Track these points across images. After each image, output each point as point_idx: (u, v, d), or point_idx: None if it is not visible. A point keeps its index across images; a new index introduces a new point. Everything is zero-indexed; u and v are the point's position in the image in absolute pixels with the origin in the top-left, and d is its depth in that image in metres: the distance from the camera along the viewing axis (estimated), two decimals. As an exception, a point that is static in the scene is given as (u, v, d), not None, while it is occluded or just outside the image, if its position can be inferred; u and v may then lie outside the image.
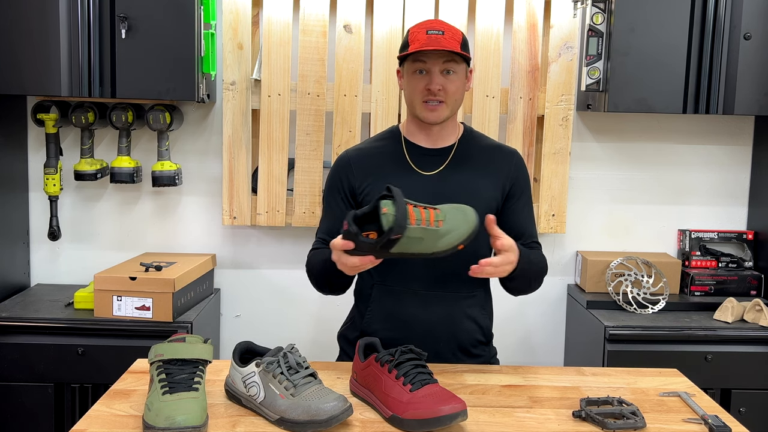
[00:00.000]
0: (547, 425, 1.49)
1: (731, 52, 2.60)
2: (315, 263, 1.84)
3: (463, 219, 1.55)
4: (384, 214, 1.48)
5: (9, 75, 2.45)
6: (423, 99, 1.82)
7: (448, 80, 1.81)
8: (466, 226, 1.54)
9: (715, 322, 2.60)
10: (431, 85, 1.80)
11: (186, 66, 2.48)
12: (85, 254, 2.88)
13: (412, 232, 1.49)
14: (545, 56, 2.82)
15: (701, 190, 2.99)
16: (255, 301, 2.95)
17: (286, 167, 2.79)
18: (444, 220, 1.52)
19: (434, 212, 1.53)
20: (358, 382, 1.60)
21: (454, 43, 1.77)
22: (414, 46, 1.78)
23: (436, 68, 1.79)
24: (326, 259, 1.73)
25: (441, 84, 1.80)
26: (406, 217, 1.48)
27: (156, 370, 1.47)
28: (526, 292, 1.86)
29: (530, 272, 1.79)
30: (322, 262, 1.79)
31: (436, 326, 1.87)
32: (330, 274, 1.74)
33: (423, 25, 1.82)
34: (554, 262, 2.97)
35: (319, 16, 2.72)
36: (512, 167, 1.91)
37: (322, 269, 1.79)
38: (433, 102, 1.81)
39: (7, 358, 2.42)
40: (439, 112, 1.82)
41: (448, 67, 1.80)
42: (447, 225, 1.53)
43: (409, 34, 1.82)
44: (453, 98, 1.83)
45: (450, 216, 1.54)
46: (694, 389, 1.72)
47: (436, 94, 1.80)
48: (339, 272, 1.65)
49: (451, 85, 1.81)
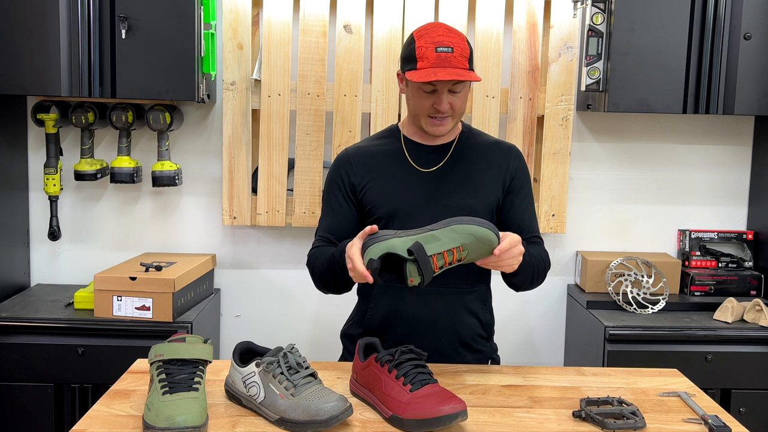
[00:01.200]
0: (547, 425, 1.49)
1: (731, 52, 2.60)
2: (319, 263, 1.83)
3: (486, 249, 1.57)
4: (411, 284, 1.55)
5: (9, 75, 2.45)
6: (429, 114, 1.81)
7: (456, 97, 1.79)
8: (488, 249, 1.57)
9: (715, 322, 2.60)
10: (439, 105, 1.77)
11: (186, 66, 2.48)
12: (85, 254, 2.88)
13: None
14: (545, 56, 2.82)
15: (701, 190, 2.99)
16: (255, 301, 2.95)
17: (286, 167, 2.79)
18: (466, 253, 1.57)
19: (456, 252, 1.56)
20: (358, 382, 1.60)
21: (463, 60, 1.74)
22: (423, 64, 1.73)
23: (444, 88, 1.76)
24: (332, 260, 1.74)
25: (449, 102, 1.78)
26: (431, 274, 1.55)
27: (156, 370, 1.47)
28: (529, 287, 1.85)
29: (532, 265, 1.78)
30: (327, 263, 1.78)
31: (438, 322, 1.87)
32: (336, 275, 1.74)
33: (431, 38, 1.75)
34: (554, 262, 2.97)
35: (319, 16, 2.72)
36: (511, 162, 1.90)
37: (328, 270, 1.78)
38: (440, 117, 1.81)
39: (7, 358, 2.42)
40: (445, 126, 1.82)
41: (456, 87, 1.77)
42: (470, 255, 1.57)
43: (416, 48, 1.75)
44: (458, 112, 1.82)
45: (473, 248, 1.56)
46: (694, 389, 1.72)
47: (444, 112, 1.79)
48: (346, 275, 1.67)
49: (459, 101, 1.80)
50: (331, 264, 1.76)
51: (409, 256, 1.54)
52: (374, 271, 1.54)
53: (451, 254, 1.55)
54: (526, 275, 1.79)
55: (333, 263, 1.75)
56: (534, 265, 1.80)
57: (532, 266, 1.78)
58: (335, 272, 1.75)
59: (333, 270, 1.75)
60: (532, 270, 1.80)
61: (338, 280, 1.78)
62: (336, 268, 1.74)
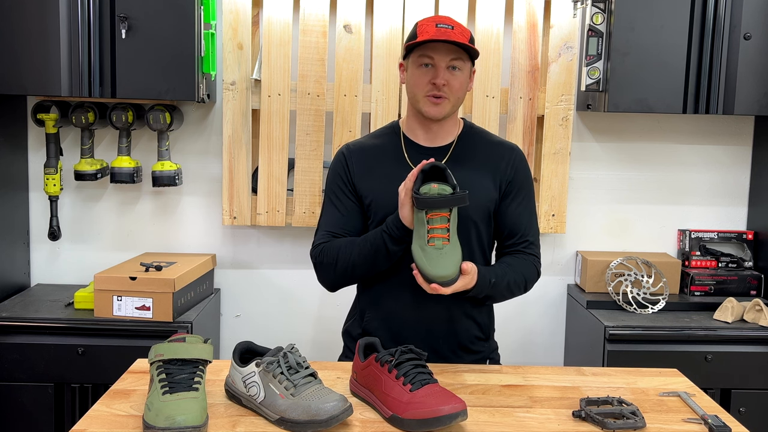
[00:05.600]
0: (547, 425, 1.49)
1: (731, 52, 2.60)
2: (350, 250, 1.82)
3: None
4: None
5: (9, 75, 2.45)
6: (426, 93, 1.81)
7: (453, 76, 1.80)
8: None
9: (715, 322, 2.60)
10: (436, 79, 1.79)
11: (186, 66, 2.48)
12: (85, 254, 2.88)
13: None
14: (545, 56, 2.82)
15: (701, 190, 2.99)
16: (255, 301, 2.95)
17: (286, 167, 2.79)
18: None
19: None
20: (358, 382, 1.60)
21: (462, 38, 1.77)
22: (423, 38, 1.77)
23: (442, 63, 1.79)
24: (377, 237, 1.77)
25: (446, 79, 1.79)
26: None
27: (156, 370, 1.47)
28: (503, 300, 1.89)
29: (496, 291, 1.81)
30: (367, 243, 1.80)
31: (435, 324, 1.87)
32: (380, 255, 1.78)
33: (432, 19, 1.81)
34: (554, 262, 2.97)
35: (319, 16, 2.72)
36: (510, 165, 1.90)
37: (370, 252, 1.79)
38: (437, 96, 1.81)
39: (7, 358, 2.42)
40: (441, 107, 1.82)
41: (455, 63, 1.79)
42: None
43: (418, 26, 1.81)
44: (456, 95, 1.82)
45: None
46: (694, 389, 1.72)
47: (441, 89, 1.80)
48: (396, 246, 1.76)
49: (456, 81, 1.81)
50: (377, 240, 1.78)
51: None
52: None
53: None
54: (490, 298, 1.85)
55: (379, 237, 1.77)
56: (504, 286, 1.82)
57: (494, 291, 1.80)
58: (385, 248, 1.77)
59: (381, 247, 1.77)
60: (495, 293, 1.82)
61: (383, 258, 1.79)
62: (386, 242, 1.76)
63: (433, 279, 1.65)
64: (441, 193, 1.66)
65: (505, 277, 1.82)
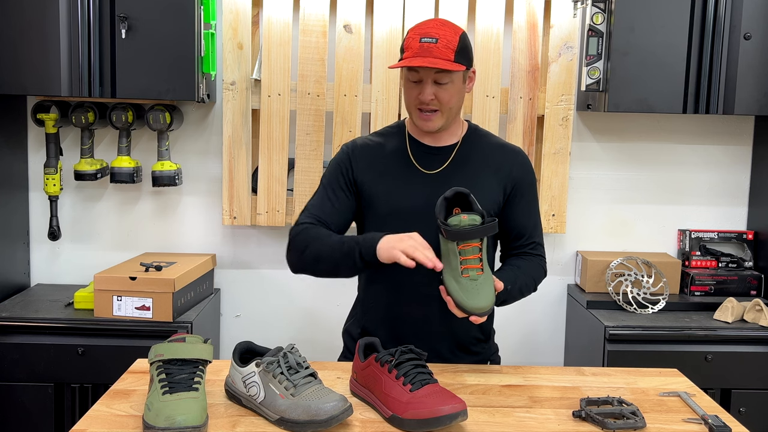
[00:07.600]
0: (547, 425, 1.49)
1: (731, 52, 2.60)
2: (320, 244, 1.78)
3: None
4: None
5: (9, 75, 2.45)
6: (416, 106, 1.81)
7: (441, 89, 1.78)
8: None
9: (715, 322, 2.60)
10: (422, 96, 1.78)
11: (186, 66, 2.48)
12: (85, 254, 2.88)
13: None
14: (545, 56, 2.82)
15: (701, 190, 2.99)
16: (255, 301, 2.95)
17: (286, 167, 2.79)
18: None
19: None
20: (358, 382, 1.60)
21: (446, 52, 1.73)
22: (407, 54, 1.76)
23: (428, 79, 1.77)
24: (352, 245, 1.73)
25: (433, 94, 1.78)
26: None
27: (156, 370, 1.47)
28: (511, 303, 1.89)
29: (509, 296, 1.81)
30: (339, 246, 1.75)
31: (435, 325, 1.87)
32: (346, 263, 1.74)
33: (419, 29, 1.78)
34: (554, 262, 2.97)
35: (319, 16, 2.72)
36: (514, 167, 1.90)
37: (338, 255, 1.75)
38: (427, 111, 1.80)
39: (7, 358, 2.42)
40: (433, 122, 1.82)
41: (439, 78, 1.77)
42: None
43: (406, 38, 1.79)
44: (448, 106, 1.81)
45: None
46: (694, 389, 1.72)
47: (429, 104, 1.79)
48: (356, 270, 1.75)
49: (445, 94, 1.79)
50: (351, 251, 1.73)
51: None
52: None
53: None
54: (511, 300, 1.84)
55: (353, 247, 1.72)
56: (516, 290, 1.82)
57: (513, 294, 1.81)
58: (353, 261, 1.72)
59: (349, 254, 1.73)
60: (515, 295, 1.83)
61: (348, 268, 1.76)
62: (355, 255, 1.72)
63: (471, 312, 1.60)
64: (472, 223, 1.59)
65: (518, 281, 1.82)
